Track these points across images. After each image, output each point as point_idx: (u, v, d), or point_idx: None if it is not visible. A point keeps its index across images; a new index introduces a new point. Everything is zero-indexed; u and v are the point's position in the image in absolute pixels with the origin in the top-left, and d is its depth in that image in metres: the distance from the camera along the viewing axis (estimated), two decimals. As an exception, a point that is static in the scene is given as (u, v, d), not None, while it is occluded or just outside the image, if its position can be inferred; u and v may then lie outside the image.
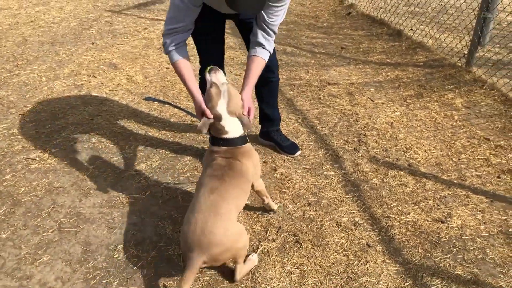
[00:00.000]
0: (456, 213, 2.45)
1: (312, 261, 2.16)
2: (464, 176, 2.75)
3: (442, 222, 2.39)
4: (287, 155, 2.97)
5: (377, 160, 2.92)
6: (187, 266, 1.83)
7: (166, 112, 3.52)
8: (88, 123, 3.37)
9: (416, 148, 3.03)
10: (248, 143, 2.18)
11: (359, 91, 3.86)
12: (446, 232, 2.33)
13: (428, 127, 3.28)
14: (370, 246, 2.25)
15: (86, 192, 2.64)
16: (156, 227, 2.38)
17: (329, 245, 2.25)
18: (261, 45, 2.29)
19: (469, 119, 3.38)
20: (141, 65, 4.41)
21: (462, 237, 2.30)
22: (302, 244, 2.26)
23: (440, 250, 2.22)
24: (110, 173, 2.80)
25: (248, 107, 2.17)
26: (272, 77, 2.79)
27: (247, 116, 2.11)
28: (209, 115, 2.04)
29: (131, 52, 4.74)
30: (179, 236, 2.28)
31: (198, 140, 3.12)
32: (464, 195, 2.60)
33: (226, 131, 2.07)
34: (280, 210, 2.49)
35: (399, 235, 2.31)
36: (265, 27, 2.25)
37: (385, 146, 3.06)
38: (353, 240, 2.29)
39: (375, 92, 3.84)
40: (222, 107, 2.03)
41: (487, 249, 2.22)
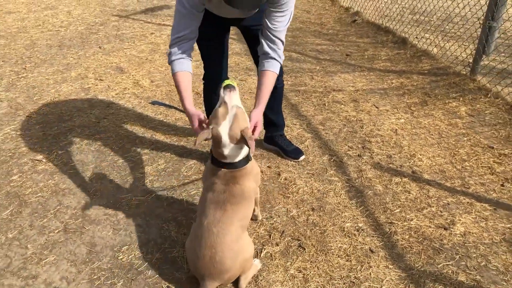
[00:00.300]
0: (459, 220, 2.46)
1: (315, 266, 2.17)
2: (468, 184, 2.76)
3: (445, 229, 2.40)
4: (291, 160, 2.99)
5: (381, 167, 2.93)
6: None
7: (172, 116, 3.55)
8: (95, 126, 3.40)
9: (420, 155, 3.04)
10: (250, 161, 2.05)
11: (364, 98, 3.87)
12: (449, 239, 2.33)
13: (432, 135, 3.29)
14: (373, 252, 2.26)
15: (92, 194, 2.66)
16: (161, 229, 2.40)
17: (332, 250, 2.27)
18: (267, 55, 2.25)
19: (473, 127, 3.39)
20: (148, 69, 4.44)
21: (465, 244, 2.30)
22: (306, 249, 2.27)
23: (443, 257, 2.22)
24: (116, 176, 2.83)
25: (255, 125, 2.08)
26: (277, 84, 2.75)
27: (251, 138, 1.89)
28: (203, 130, 1.92)
29: (138, 57, 4.78)
30: (183, 239, 2.30)
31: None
32: (468, 203, 2.60)
33: (225, 156, 1.94)
34: (284, 215, 2.51)
35: (402, 241, 2.32)
36: (269, 34, 2.22)
37: (389, 153, 3.08)
38: (356, 245, 2.30)
39: (380, 99, 3.86)
40: (225, 129, 1.89)
41: (490, 257, 2.22)
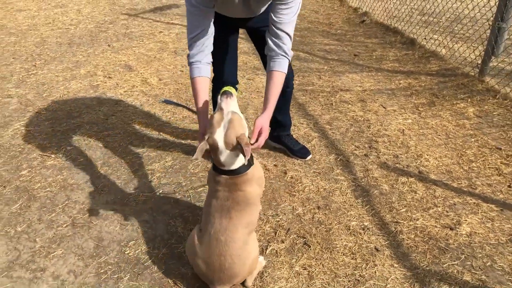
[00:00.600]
0: (466, 221, 2.46)
1: (320, 263, 2.18)
2: (475, 185, 2.76)
3: (451, 229, 2.40)
4: (298, 159, 3.00)
5: (388, 166, 2.93)
6: None
7: (180, 114, 3.57)
8: (103, 123, 3.43)
9: (427, 156, 3.04)
10: (252, 166, 1.97)
11: (371, 98, 3.87)
12: (455, 239, 2.33)
13: (440, 135, 3.29)
14: (379, 250, 2.26)
15: (100, 189, 2.69)
16: (168, 225, 2.42)
17: (338, 248, 2.27)
18: (273, 53, 2.17)
19: (481, 128, 3.37)
20: (156, 68, 4.47)
21: (471, 244, 2.30)
22: (311, 246, 2.28)
23: (449, 256, 2.22)
24: (124, 172, 2.86)
25: (260, 131, 2.02)
26: (286, 88, 2.71)
27: (247, 144, 1.84)
28: (202, 141, 1.88)
29: (146, 55, 4.81)
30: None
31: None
32: (474, 203, 2.60)
33: (223, 164, 1.89)
34: (290, 213, 2.52)
35: (408, 241, 2.32)
36: (274, 28, 2.14)
37: (396, 153, 3.08)
38: (362, 244, 2.30)
39: (387, 100, 3.85)
40: (220, 136, 1.84)
41: (496, 257, 2.22)
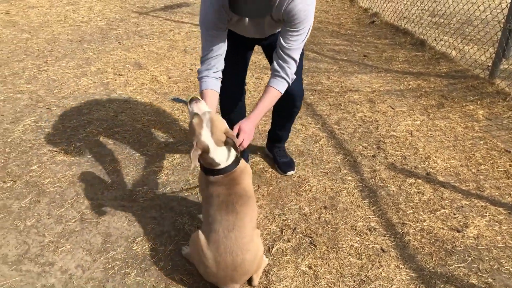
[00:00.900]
0: (473, 223, 2.45)
1: (326, 263, 2.19)
2: (483, 187, 2.74)
3: (458, 231, 2.39)
4: (279, 172, 2.87)
5: (395, 168, 2.93)
6: None
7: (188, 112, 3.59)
8: (113, 120, 3.46)
9: (435, 157, 3.03)
10: (241, 161, 2.05)
11: (380, 99, 3.87)
12: (462, 241, 2.33)
13: (448, 137, 3.27)
14: (385, 251, 2.26)
15: (108, 186, 2.72)
16: (175, 222, 2.44)
17: (344, 248, 2.28)
18: (276, 73, 2.19)
19: (490, 131, 3.35)
20: (166, 66, 4.50)
21: (478, 247, 2.29)
22: (317, 246, 2.29)
23: (455, 259, 2.22)
24: (132, 168, 2.88)
25: (239, 131, 2.07)
26: (294, 109, 2.64)
27: (234, 138, 1.92)
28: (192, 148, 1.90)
29: (156, 53, 4.84)
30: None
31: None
32: (482, 206, 2.59)
33: (218, 163, 1.93)
34: (296, 212, 2.53)
35: (414, 242, 2.32)
36: (281, 52, 2.16)
37: (404, 154, 3.07)
38: (368, 245, 2.30)
39: (396, 101, 3.84)
40: (207, 136, 1.88)
41: (503, 260, 2.21)
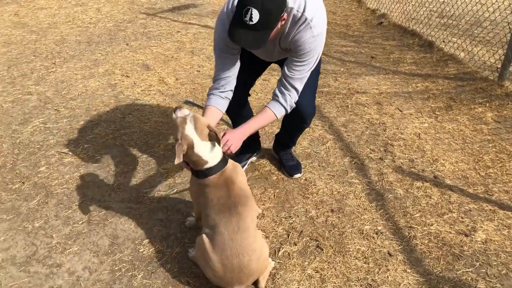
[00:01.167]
0: (481, 227, 2.43)
1: (333, 266, 2.18)
2: (491, 191, 2.72)
3: (466, 236, 2.37)
4: (285, 175, 2.86)
5: (403, 171, 2.91)
6: None
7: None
8: (120, 121, 3.47)
9: (443, 160, 3.01)
10: (230, 160, 2.07)
11: (388, 101, 3.85)
12: (470, 246, 2.31)
13: (456, 140, 3.25)
14: (392, 255, 2.25)
15: (116, 187, 2.73)
16: (181, 224, 2.44)
17: (350, 252, 2.27)
18: (276, 97, 2.20)
19: (499, 134, 3.33)
20: (173, 67, 4.51)
21: (486, 252, 2.27)
22: (323, 249, 2.28)
23: (463, 263, 2.20)
24: (139, 170, 2.89)
25: (227, 139, 2.09)
26: (304, 125, 2.62)
27: (216, 131, 1.95)
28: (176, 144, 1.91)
29: (164, 54, 4.85)
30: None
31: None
32: (490, 210, 2.57)
33: (205, 161, 1.94)
34: (303, 215, 2.52)
35: (421, 246, 2.31)
36: (284, 80, 2.16)
37: (412, 157, 3.05)
38: (375, 248, 2.29)
39: (404, 103, 3.82)
40: (191, 130, 1.90)
41: (511, 265, 2.19)
